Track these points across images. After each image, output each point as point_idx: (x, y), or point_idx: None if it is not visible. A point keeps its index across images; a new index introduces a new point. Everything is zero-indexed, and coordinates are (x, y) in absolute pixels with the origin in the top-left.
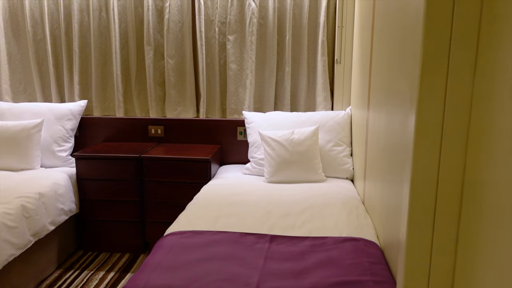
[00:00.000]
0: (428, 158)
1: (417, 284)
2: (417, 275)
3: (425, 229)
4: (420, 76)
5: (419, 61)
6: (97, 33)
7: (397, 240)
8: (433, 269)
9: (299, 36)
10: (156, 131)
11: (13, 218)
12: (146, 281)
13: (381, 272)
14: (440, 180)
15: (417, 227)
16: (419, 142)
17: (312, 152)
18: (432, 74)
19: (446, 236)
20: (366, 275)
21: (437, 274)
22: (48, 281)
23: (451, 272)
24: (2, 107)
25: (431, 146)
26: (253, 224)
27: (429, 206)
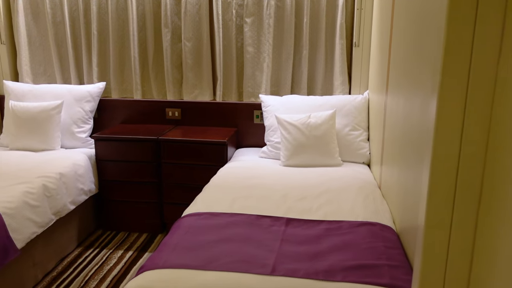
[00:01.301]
0: (449, 144)
1: (435, 270)
2: (434, 260)
3: (444, 215)
4: (443, 60)
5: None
6: (115, 16)
7: (414, 225)
8: (451, 254)
9: (317, 18)
10: (173, 113)
11: (35, 197)
12: (165, 260)
13: (397, 256)
14: (460, 166)
15: (436, 213)
16: (440, 127)
17: (329, 136)
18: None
19: (465, 223)
20: (382, 259)
21: (455, 259)
22: (69, 258)
23: (469, 258)
24: (23, 88)
25: (452, 132)
26: (269, 207)
27: (449, 193)
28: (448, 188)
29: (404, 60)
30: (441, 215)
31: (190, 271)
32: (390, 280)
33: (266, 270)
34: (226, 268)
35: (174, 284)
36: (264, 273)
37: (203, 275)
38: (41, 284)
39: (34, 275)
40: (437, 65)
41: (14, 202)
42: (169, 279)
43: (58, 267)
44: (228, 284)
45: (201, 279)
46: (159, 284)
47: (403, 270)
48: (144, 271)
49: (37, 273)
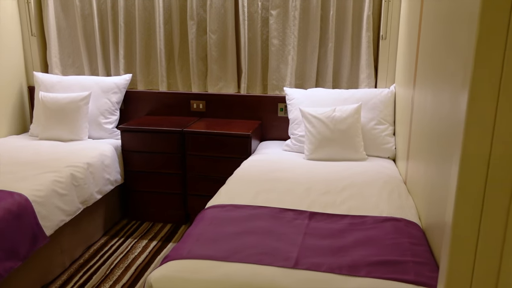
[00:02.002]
0: (480, 140)
1: (462, 268)
2: (462, 258)
3: (473, 213)
4: (475, 51)
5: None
6: (142, 8)
7: (441, 222)
8: (480, 252)
9: (343, 11)
10: (198, 105)
11: (64, 186)
12: (188, 251)
13: (422, 253)
14: (491, 164)
15: (465, 210)
16: (471, 123)
17: (354, 130)
18: (488, 48)
19: (494, 220)
20: (407, 255)
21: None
22: (95, 246)
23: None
24: (52, 79)
25: (483, 128)
26: (292, 200)
27: (478, 190)
28: (478, 185)
29: (434, 53)
30: (470, 213)
31: (213, 262)
32: (415, 277)
33: (289, 263)
34: (249, 260)
35: (197, 274)
36: (287, 266)
37: (226, 267)
38: (68, 270)
39: (61, 262)
40: (469, 56)
41: (43, 191)
42: (192, 269)
43: (85, 255)
44: (250, 276)
45: (224, 270)
46: (183, 274)
47: (428, 267)
48: (168, 261)
49: (65, 260)
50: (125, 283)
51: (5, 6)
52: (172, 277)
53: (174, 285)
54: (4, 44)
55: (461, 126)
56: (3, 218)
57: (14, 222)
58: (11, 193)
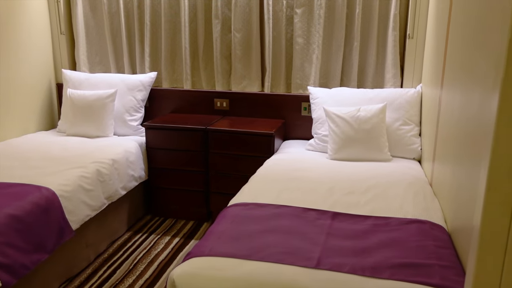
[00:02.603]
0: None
1: (490, 273)
2: (490, 263)
3: (502, 216)
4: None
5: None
6: (167, 6)
7: (468, 225)
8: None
9: (369, 9)
10: (222, 104)
11: (90, 181)
12: (210, 248)
13: (448, 257)
14: None
15: (493, 213)
16: (501, 125)
17: (378, 130)
18: None
19: None
20: (432, 258)
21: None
22: (119, 241)
23: None
24: (80, 77)
25: None
26: (315, 200)
27: (508, 193)
28: (507, 187)
29: (463, 53)
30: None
31: (235, 260)
32: (441, 280)
33: (311, 263)
34: (271, 259)
35: (219, 272)
36: (309, 266)
37: (248, 265)
38: (93, 264)
39: (87, 256)
40: (501, 57)
41: (70, 186)
42: (214, 266)
43: (109, 249)
44: (272, 275)
45: (246, 269)
46: (204, 271)
47: (454, 271)
48: (191, 258)
49: (90, 254)
50: (148, 278)
51: (35, 5)
52: (194, 274)
53: (196, 281)
54: (34, 42)
55: (491, 128)
56: (31, 211)
57: (41, 216)
58: (39, 187)
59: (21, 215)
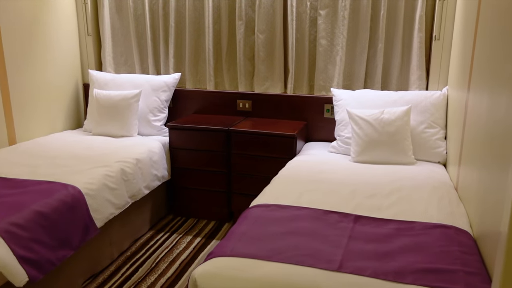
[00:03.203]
0: None
1: None
2: None
3: None
4: None
5: None
6: (192, 8)
7: (494, 231)
8: None
9: (394, 11)
10: (244, 105)
11: (114, 180)
12: (232, 248)
13: (473, 263)
14: None
15: None
16: None
17: (403, 133)
18: None
19: None
20: (457, 264)
21: None
22: (142, 240)
23: None
24: (106, 77)
25: None
26: (337, 203)
27: None
28: None
29: (491, 55)
30: None
31: (256, 261)
32: (465, 286)
33: (333, 266)
34: (292, 261)
35: (240, 272)
36: (330, 269)
37: (269, 266)
38: (116, 262)
39: (110, 253)
40: None
41: (95, 184)
42: (236, 267)
43: (132, 248)
44: (293, 276)
45: (267, 270)
46: (226, 271)
47: (480, 278)
48: (213, 258)
49: (113, 251)
50: (170, 277)
51: (64, 7)
52: (215, 274)
53: (218, 281)
54: (62, 43)
55: None
56: (58, 209)
57: (68, 213)
58: (66, 185)
59: (48, 212)
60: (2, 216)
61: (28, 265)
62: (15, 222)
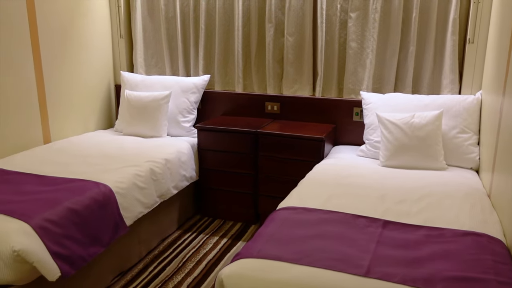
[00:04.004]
0: None
1: None
2: None
3: None
4: None
5: None
6: (222, 11)
7: None
8: None
9: (427, 13)
10: (272, 107)
11: (143, 180)
12: (259, 250)
13: (507, 272)
14: None
15: None
16: None
17: (434, 138)
18: None
19: None
20: (489, 273)
21: None
22: (170, 239)
23: None
24: (137, 79)
25: None
26: (365, 207)
27: None
28: None
29: None
30: None
31: (283, 263)
32: None
33: (360, 271)
34: (319, 265)
35: (267, 274)
36: (358, 274)
37: (296, 269)
38: (144, 260)
39: (138, 252)
40: None
41: (125, 183)
42: (262, 269)
43: (160, 246)
44: (320, 280)
45: (294, 273)
46: (253, 272)
47: None
48: (239, 259)
49: (142, 250)
50: (196, 276)
51: (98, 10)
52: (242, 275)
53: (244, 282)
54: (96, 45)
55: None
56: (89, 206)
57: (99, 211)
58: (97, 183)
59: (80, 209)
60: (36, 212)
61: (61, 261)
62: (49, 219)
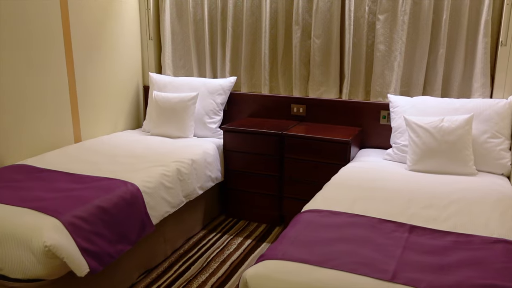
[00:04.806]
0: None
1: None
2: None
3: None
4: None
5: None
6: (249, 13)
7: None
8: None
9: (458, 15)
10: (298, 109)
11: (170, 179)
12: (284, 252)
13: None
14: None
15: None
16: None
17: (463, 142)
18: None
19: None
20: None
21: None
22: (195, 239)
23: None
24: (165, 80)
25: None
26: (391, 212)
27: None
28: None
29: None
30: None
31: (307, 266)
32: None
33: (386, 276)
34: (344, 268)
35: (291, 276)
36: (383, 279)
37: (320, 272)
38: (170, 259)
39: (164, 251)
40: None
41: (152, 182)
42: (287, 270)
43: (185, 246)
44: (345, 284)
45: (318, 276)
46: (277, 274)
47: None
48: (264, 260)
49: (167, 249)
50: (220, 276)
51: (128, 12)
52: (267, 276)
53: (269, 283)
54: (125, 47)
55: None
56: (118, 204)
57: (126, 209)
58: (125, 182)
59: (108, 207)
60: (67, 209)
61: (90, 257)
62: (78, 215)
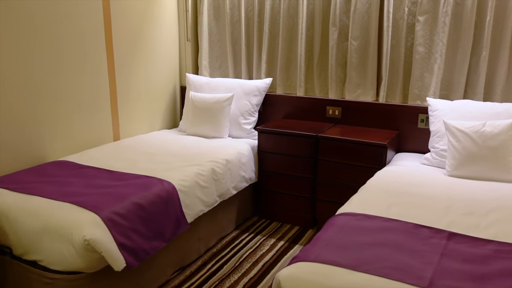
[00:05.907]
0: None
1: None
2: None
3: None
4: None
5: None
6: (286, 15)
7: None
8: None
9: (502, 16)
10: (334, 112)
11: (205, 179)
12: (317, 255)
13: None
14: None
15: None
16: None
17: (506, 148)
18: None
19: None
20: None
21: None
22: (228, 238)
23: None
24: (201, 81)
25: None
26: (429, 217)
27: None
28: None
29: None
30: None
31: (341, 269)
32: None
33: (423, 283)
34: (378, 273)
35: (324, 279)
36: (420, 285)
37: (354, 276)
38: (203, 257)
39: (197, 249)
40: None
41: (188, 181)
42: (320, 273)
43: (218, 245)
44: None
45: (352, 279)
46: (310, 276)
47: None
48: (297, 262)
49: (200, 247)
50: (252, 277)
51: (167, 14)
52: (300, 278)
53: (302, 285)
54: (164, 48)
55: None
56: (154, 202)
57: (162, 207)
58: (162, 180)
59: (145, 204)
60: (106, 205)
61: (126, 252)
62: (117, 212)
